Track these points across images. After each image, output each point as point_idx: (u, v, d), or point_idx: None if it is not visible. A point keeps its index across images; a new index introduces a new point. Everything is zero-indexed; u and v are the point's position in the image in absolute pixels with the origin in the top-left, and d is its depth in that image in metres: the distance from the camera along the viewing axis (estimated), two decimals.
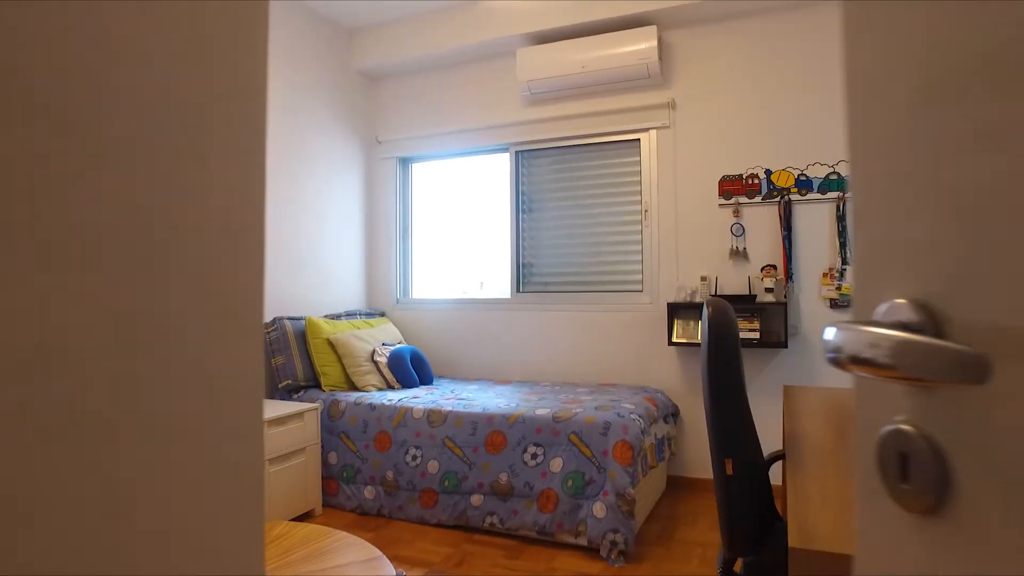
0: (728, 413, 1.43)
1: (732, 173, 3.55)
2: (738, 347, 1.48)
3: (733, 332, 1.48)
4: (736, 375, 1.45)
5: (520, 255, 4.15)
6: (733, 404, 1.43)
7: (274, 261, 3.73)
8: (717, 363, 1.43)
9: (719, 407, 1.43)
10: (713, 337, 1.45)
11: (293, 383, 3.56)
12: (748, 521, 1.42)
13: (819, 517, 1.10)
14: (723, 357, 1.44)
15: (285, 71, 3.83)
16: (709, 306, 1.49)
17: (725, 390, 1.43)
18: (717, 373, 1.43)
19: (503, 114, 4.14)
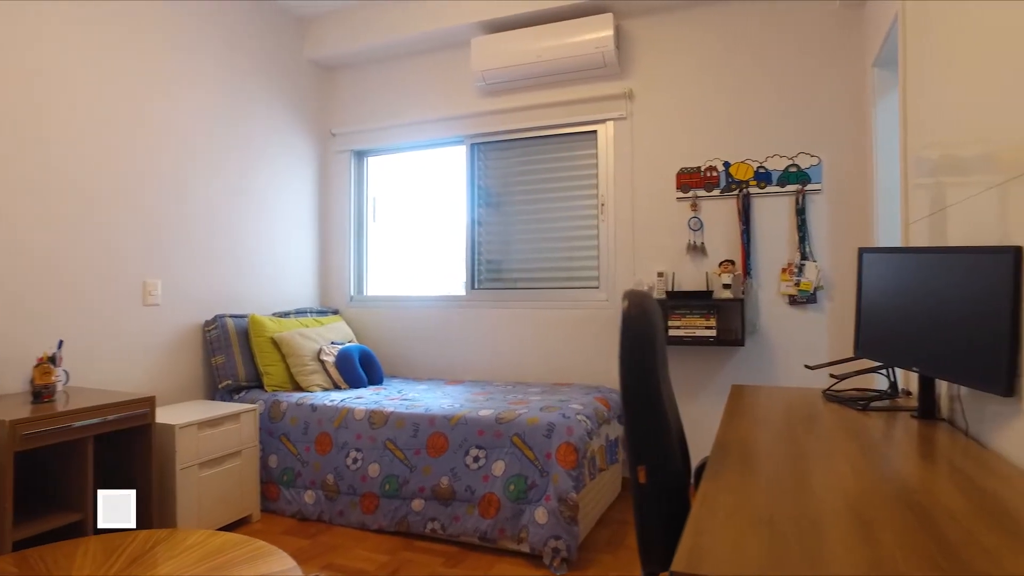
0: (643, 417, 1.30)
1: (690, 165, 3.44)
2: (656, 345, 1.36)
3: (651, 329, 1.36)
4: (653, 376, 1.33)
5: (476, 251, 4.02)
6: (649, 407, 1.31)
7: (218, 257, 3.57)
8: (631, 362, 1.31)
9: (633, 410, 1.31)
10: (628, 334, 1.32)
11: (234, 383, 3.41)
12: (662, 535, 1.30)
13: (718, 534, 0.98)
14: (638, 356, 1.31)
15: (232, 61, 3.67)
16: (625, 299, 1.37)
17: (641, 392, 1.31)
18: (632, 373, 1.31)
19: (458, 105, 4.00)
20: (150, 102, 3.20)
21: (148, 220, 3.18)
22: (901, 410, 1.82)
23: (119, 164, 3.05)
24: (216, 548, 1.98)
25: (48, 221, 2.76)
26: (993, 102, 1.44)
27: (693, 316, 3.22)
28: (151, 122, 3.20)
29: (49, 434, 2.20)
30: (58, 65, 2.80)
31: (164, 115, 3.27)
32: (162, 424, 2.76)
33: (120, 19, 3.05)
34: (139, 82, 3.14)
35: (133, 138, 3.11)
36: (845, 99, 3.17)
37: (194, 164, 3.44)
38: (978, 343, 1.34)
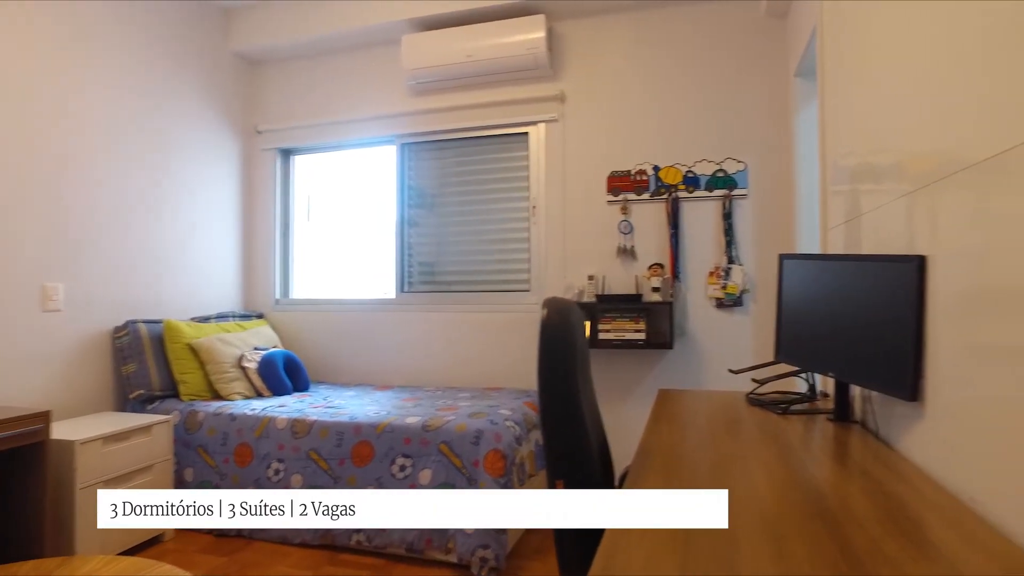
0: (561, 430, 1.27)
1: (621, 169, 3.45)
2: (575, 355, 1.32)
3: (570, 338, 1.33)
4: (572, 388, 1.29)
5: (406, 253, 3.93)
6: (567, 420, 1.28)
7: (131, 259, 3.36)
8: (549, 374, 1.27)
9: (551, 423, 1.27)
10: (546, 344, 1.29)
11: (146, 393, 3.22)
12: (580, 550, 1.27)
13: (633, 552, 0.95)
14: (557, 367, 1.28)
15: (148, 52, 3.47)
16: (545, 307, 1.33)
17: (558, 405, 1.27)
18: (549, 385, 1.28)
19: (388, 104, 3.91)
20: (55, 96, 2.97)
21: (50, 220, 2.96)
22: (819, 413, 1.85)
23: (15, 159, 2.82)
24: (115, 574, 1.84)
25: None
26: (901, 112, 1.47)
27: (623, 320, 3.23)
28: (55, 117, 2.98)
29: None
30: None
31: (72, 110, 3.05)
32: (60, 441, 2.56)
33: (19, 9, 2.83)
34: (45, 75, 2.92)
35: (27, 129, 2.89)
36: (770, 106, 3.25)
37: (107, 161, 3.22)
38: (886, 349, 1.37)
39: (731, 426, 1.72)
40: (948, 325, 1.19)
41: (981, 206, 1.08)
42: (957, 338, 1.15)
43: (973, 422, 1.10)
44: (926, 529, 0.99)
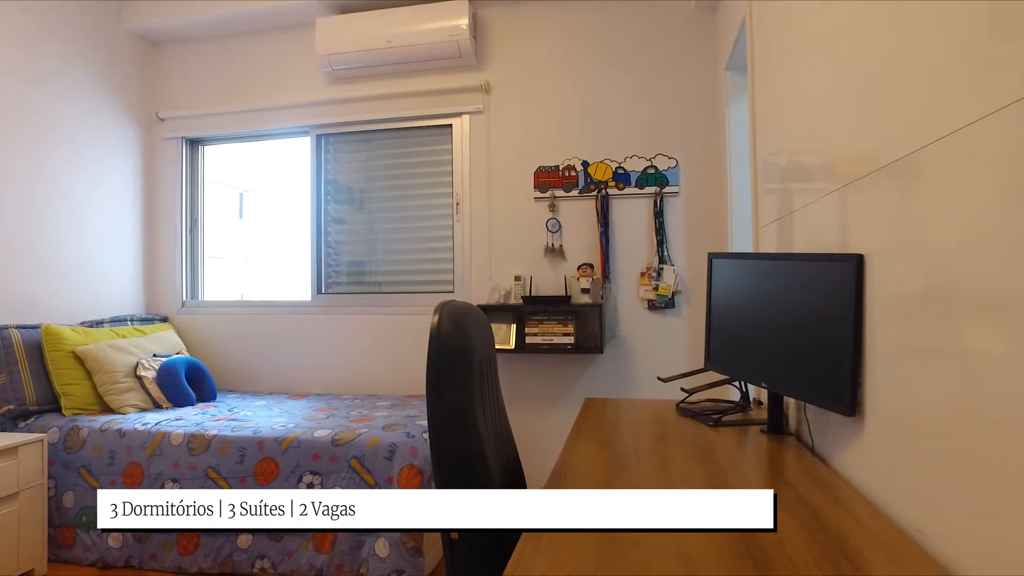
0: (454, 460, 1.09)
1: (548, 164, 3.30)
2: (471, 366, 1.14)
3: (464, 347, 1.15)
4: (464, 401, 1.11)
5: (322, 252, 3.67)
6: (461, 446, 1.09)
7: (4, 257, 2.99)
8: (436, 389, 1.09)
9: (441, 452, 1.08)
10: (435, 357, 1.10)
11: (18, 408, 2.86)
12: None
13: None
14: (445, 382, 1.09)
15: (27, 28, 3.10)
16: (436, 313, 1.14)
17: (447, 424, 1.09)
18: (437, 403, 1.09)
19: (303, 93, 3.64)
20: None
21: None
22: (752, 424, 1.73)
23: None
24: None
25: None
26: (828, 109, 1.38)
27: (551, 323, 3.08)
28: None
29: None
30: None
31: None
32: None
33: None
34: None
35: None
36: (701, 101, 3.15)
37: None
38: (821, 358, 1.24)
39: (658, 441, 1.58)
40: (886, 329, 1.07)
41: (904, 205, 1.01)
42: (896, 342, 1.03)
43: (915, 437, 0.97)
44: (867, 570, 0.85)
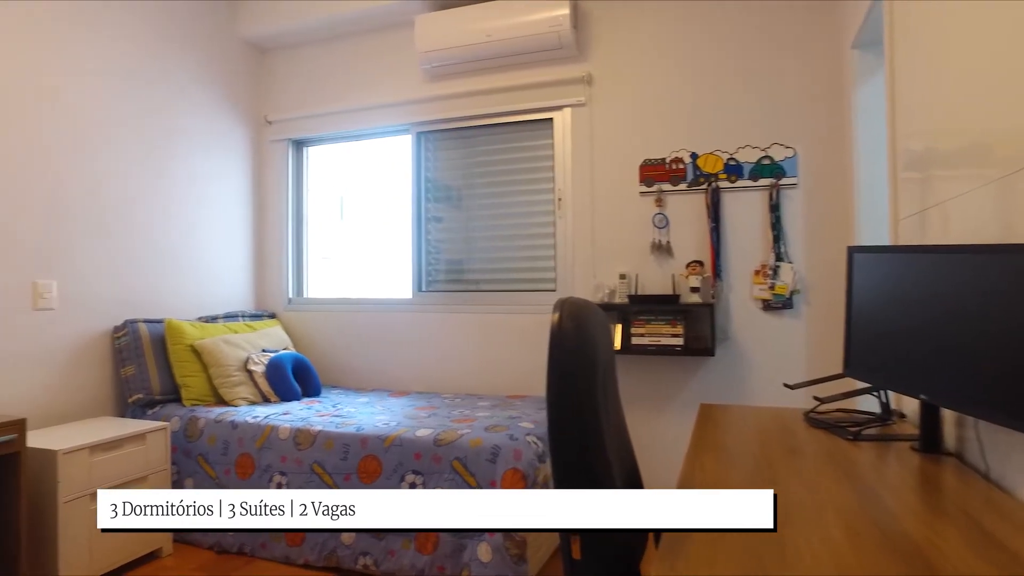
0: (576, 470, 0.99)
1: (654, 157, 3.15)
2: (595, 368, 1.04)
3: (588, 348, 1.05)
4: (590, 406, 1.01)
5: (423, 250, 3.68)
6: (585, 457, 1.00)
7: (133, 255, 3.18)
8: (559, 392, 1.00)
9: (563, 462, 0.99)
10: (558, 357, 1.01)
11: (146, 397, 3.02)
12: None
13: None
14: (569, 385, 1.00)
15: (152, 40, 3.28)
16: (556, 310, 1.05)
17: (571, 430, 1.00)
18: (560, 406, 1.00)
19: (403, 91, 3.66)
20: (47, 82, 2.79)
21: (43, 214, 2.78)
22: (897, 439, 1.54)
23: (5, 152, 2.64)
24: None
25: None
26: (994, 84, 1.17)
27: (658, 323, 2.93)
28: (48, 104, 2.79)
29: None
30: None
31: (66, 97, 2.86)
32: (39, 450, 2.37)
33: None
34: (30, 57, 2.73)
35: (22, 121, 2.70)
36: (821, 84, 2.90)
37: (105, 153, 3.04)
38: (1002, 366, 1.05)
39: (790, 455, 1.42)
40: None
41: None
42: None
43: None
44: None
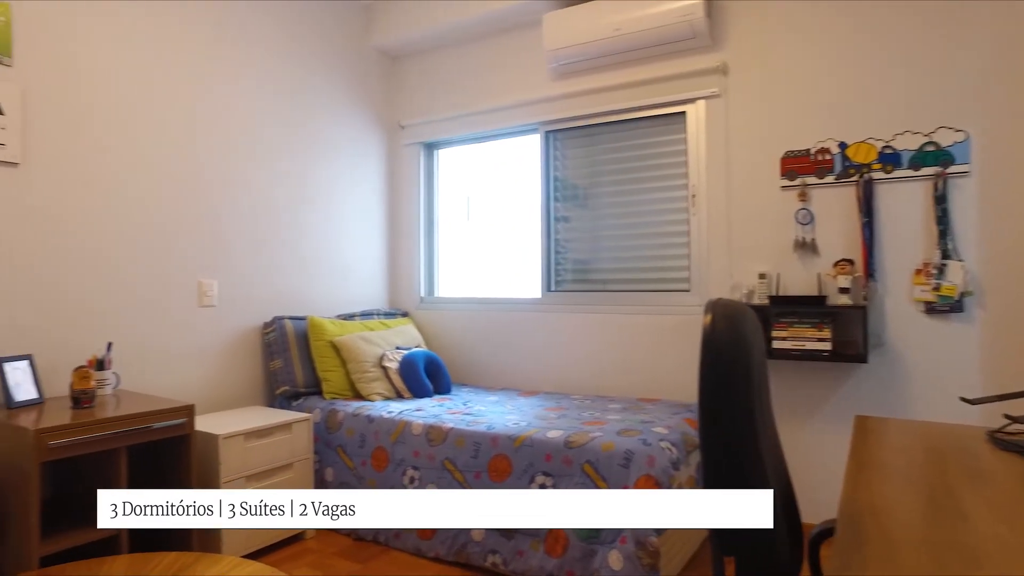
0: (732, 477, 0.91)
1: (797, 148, 2.93)
2: (750, 374, 0.96)
3: (743, 353, 0.97)
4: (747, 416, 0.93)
5: (552, 249, 3.66)
6: (742, 463, 0.92)
7: (279, 256, 3.42)
8: (714, 399, 0.92)
9: (717, 467, 0.92)
10: (710, 358, 0.94)
11: (291, 389, 3.23)
12: None
13: None
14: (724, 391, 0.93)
15: (293, 52, 3.51)
16: (708, 312, 0.98)
17: (727, 441, 0.92)
18: (715, 414, 0.93)
19: (531, 90, 3.66)
20: (205, 98, 3.06)
21: (205, 219, 3.05)
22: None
23: (173, 162, 2.92)
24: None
25: (101, 221, 2.65)
26: None
27: (802, 326, 2.72)
28: (206, 118, 3.06)
29: (75, 445, 2.04)
30: (109, 63, 2.69)
31: (221, 111, 3.13)
32: (205, 434, 2.59)
33: (169, 13, 2.92)
34: (192, 77, 3.01)
35: (187, 135, 2.98)
36: (1000, 55, 2.57)
37: (254, 161, 3.29)
38: None
39: (975, 479, 1.24)
40: None
41: None
42: None
43: None
44: None
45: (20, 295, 2.41)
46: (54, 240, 2.51)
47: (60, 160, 2.53)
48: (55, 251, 2.51)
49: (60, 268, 2.52)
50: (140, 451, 2.56)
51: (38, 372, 2.46)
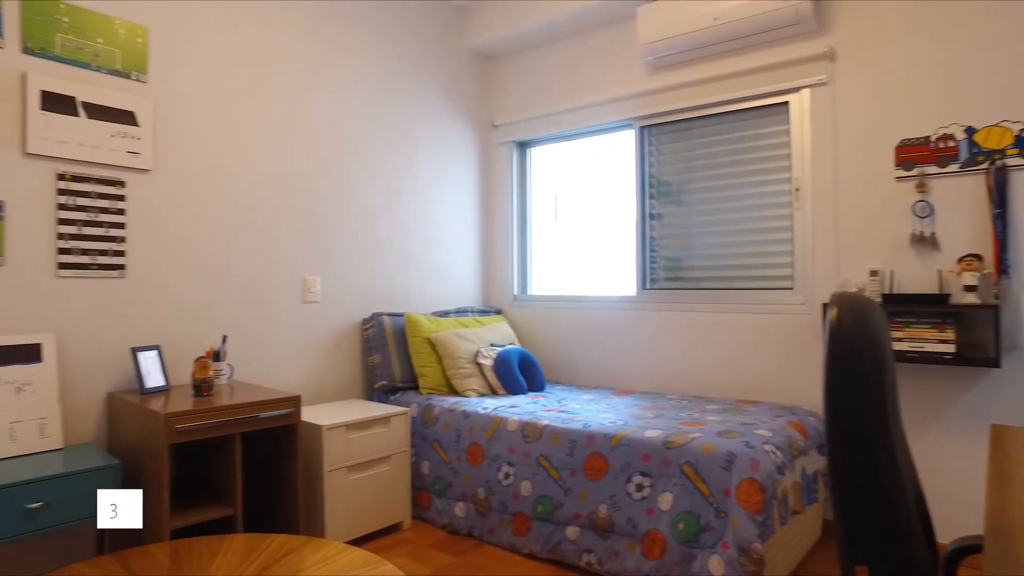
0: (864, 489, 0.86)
1: (915, 136, 2.73)
2: (883, 378, 0.90)
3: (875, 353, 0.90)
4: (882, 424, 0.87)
5: (647, 246, 3.59)
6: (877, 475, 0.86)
7: (377, 254, 3.53)
8: (843, 405, 0.87)
9: (848, 478, 0.86)
10: (839, 359, 0.88)
11: (389, 384, 3.33)
12: None
13: None
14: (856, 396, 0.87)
15: (389, 56, 3.62)
16: (834, 306, 0.93)
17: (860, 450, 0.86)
18: (844, 421, 0.87)
19: (624, 85, 3.60)
20: (310, 107, 3.21)
21: (308, 219, 3.19)
22: None
23: (280, 165, 3.08)
24: (341, 567, 1.82)
25: (217, 223, 2.84)
26: None
27: (921, 326, 2.54)
28: (311, 126, 3.21)
29: (198, 429, 2.19)
30: (227, 79, 2.87)
31: (324, 118, 3.27)
32: (310, 424, 2.71)
33: (275, 21, 3.08)
34: (298, 88, 3.16)
35: (293, 143, 3.14)
36: None
37: (354, 162, 3.41)
38: None
39: None
40: None
41: None
42: None
43: None
44: None
45: (150, 290, 2.61)
46: (177, 240, 2.70)
47: (183, 168, 2.72)
48: (178, 250, 2.70)
49: (182, 265, 2.72)
50: (251, 437, 2.71)
51: (165, 361, 2.65)
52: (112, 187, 2.50)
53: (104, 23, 2.49)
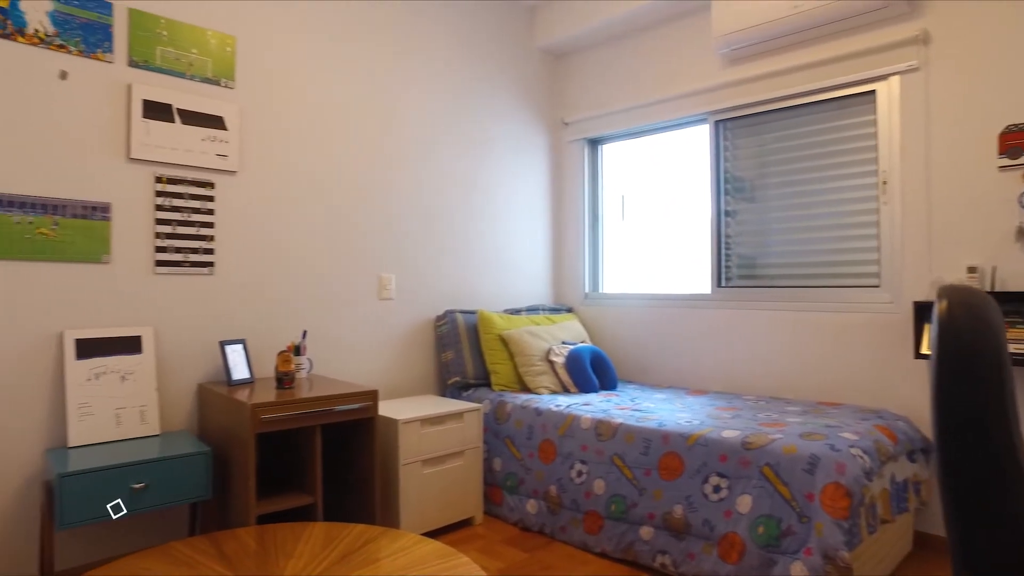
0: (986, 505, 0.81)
1: (1022, 121, 2.56)
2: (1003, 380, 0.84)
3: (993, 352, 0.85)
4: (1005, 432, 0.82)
5: (723, 243, 3.50)
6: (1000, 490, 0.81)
7: (450, 252, 3.59)
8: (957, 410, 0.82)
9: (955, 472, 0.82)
10: (948, 351, 0.84)
11: (462, 380, 3.37)
12: None
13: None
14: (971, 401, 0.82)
15: (462, 57, 3.67)
16: (943, 298, 0.88)
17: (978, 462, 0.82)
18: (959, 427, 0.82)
19: (698, 79, 3.53)
20: (386, 109, 3.29)
21: (384, 218, 3.28)
22: None
23: (357, 165, 3.17)
24: (418, 558, 1.85)
25: (297, 223, 2.95)
26: None
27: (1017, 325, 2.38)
28: (387, 127, 3.29)
29: (281, 420, 2.28)
30: (308, 85, 2.99)
31: (399, 119, 3.35)
32: (386, 418, 2.77)
33: (350, 23, 3.17)
34: (375, 91, 3.25)
35: (369, 144, 3.23)
36: None
37: (427, 162, 3.48)
38: None
39: None
40: None
41: None
42: None
43: None
44: None
45: (236, 286, 2.74)
46: (261, 238, 2.82)
47: (266, 169, 2.84)
48: (262, 248, 2.82)
49: (265, 263, 2.84)
50: (330, 429, 2.80)
51: (249, 355, 2.77)
52: (203, 188, 2.64)
53: (198, 34, 2.63)
